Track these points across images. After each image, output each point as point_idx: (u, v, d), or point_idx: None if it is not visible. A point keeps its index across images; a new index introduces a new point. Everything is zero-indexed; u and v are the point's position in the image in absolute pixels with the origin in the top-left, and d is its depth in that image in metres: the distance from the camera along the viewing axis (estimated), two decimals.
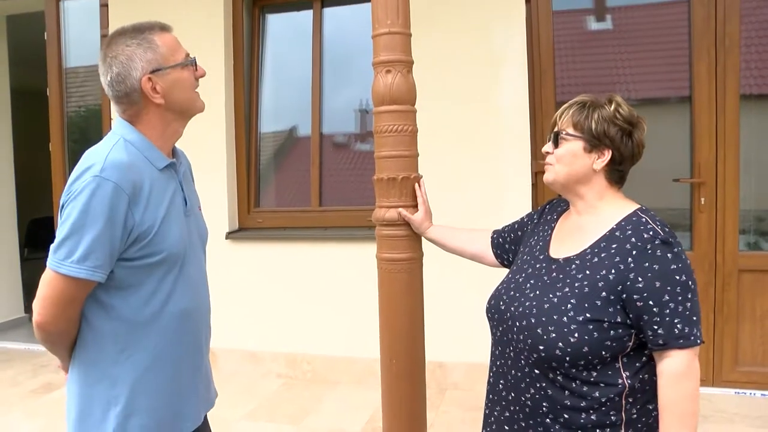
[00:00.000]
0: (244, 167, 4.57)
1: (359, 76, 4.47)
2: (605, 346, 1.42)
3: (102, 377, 1.55)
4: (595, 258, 1.50)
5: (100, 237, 1.42)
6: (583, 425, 1.46)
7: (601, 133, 1.54)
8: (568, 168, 1.60)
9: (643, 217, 1.50)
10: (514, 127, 3.87)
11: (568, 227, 1.66)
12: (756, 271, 3.73)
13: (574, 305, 1.46)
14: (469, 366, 3.99)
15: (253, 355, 4.42)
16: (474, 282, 3.85)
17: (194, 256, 1.70)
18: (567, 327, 1.44)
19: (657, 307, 1.39)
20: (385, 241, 2.07)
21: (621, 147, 1.55)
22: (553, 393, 1.49)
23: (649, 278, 1.40)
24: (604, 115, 1.55)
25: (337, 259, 4.26)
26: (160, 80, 1.56)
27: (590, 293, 1.45)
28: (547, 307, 1.50)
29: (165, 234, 1.53)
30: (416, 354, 2.10)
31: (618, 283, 1.42)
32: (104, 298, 1.52)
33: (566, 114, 1.62)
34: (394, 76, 2.01)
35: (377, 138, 2.05)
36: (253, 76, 4.63)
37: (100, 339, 1.54)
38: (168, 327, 1.59)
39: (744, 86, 3.73)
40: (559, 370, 1.48)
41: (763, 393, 3.75)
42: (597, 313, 1.43)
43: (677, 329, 1.38)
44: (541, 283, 1.58)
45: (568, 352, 1.44)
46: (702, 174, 3.76)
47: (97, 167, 1.42)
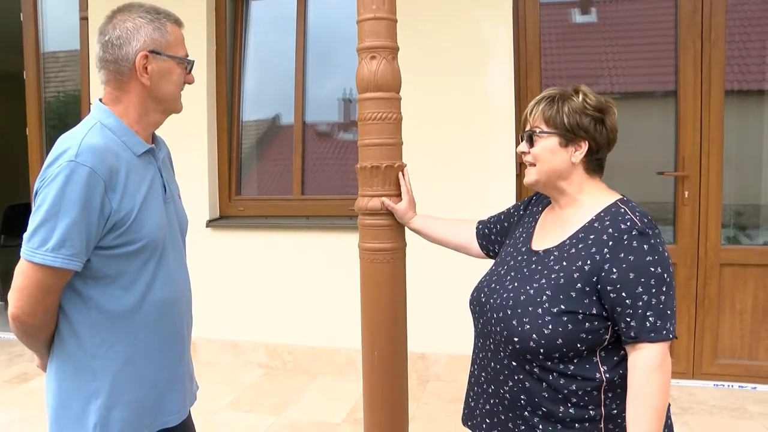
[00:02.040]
0: (225, 155, 4.51)
1: (343, 64, 4.43)
2: (580, 339, 1.40)
3: (81, 370, 1.50)
4: (573, 249, 1.48)
5: (75, 224, 1.37)
6: (561, 418, 1.45)
7: (574, 125, 1.52)
8: (548, 165, 1.57)
9: (622, 207, 1.47)
10: (500, 117, 3.85)
11: (551, 220, 1.65)
12: (737, 264, 3.76)
13: (549, 297, 1.44)
14: (451, 357, 3.98)
15: (234, 344, 4.38)
16: (456, 273, 3.83)
17: (174, 245, 1.65)
18: (541, 319, 1.43)
19: (630, 299, 1.37)
20: (367, 231, 2.04)
21: (596, 136, 1.53)
22: (530, 385, 1.48)
23: (624, 269, 1.38)
24: (574, 106, 1.52)
25: (319, 248, 4.22)
26: (155, 63, 1.51)
27: (565, 284, 1.44)
28: (523, 299, 1.49)
29: (143, 221, 1.49)
30: (398, 345, 2.08)
31: (593, 274, 1.41)
32: (82, 289, 1.47)
33: (536, 110, 1.58)
34: (378, 62, 1.97)
35: (361, 125, 2.01)
36: (236, 63, 4.56)
37: (79, 331, 1.49)
38: (148, 318, 1.55)
39: (726, 82, 3.74)
40: (534, 362, 1.47)
41: (741, 385, 3.79)
42: (571, 304, 1.41)
43: (649, 322, 1.36)
44: (520, 275, 1.56)
45: (542, 344, 1.42)
46: (686, 167, 3.77)
47: (72, 152, 1.37)
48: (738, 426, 3.34)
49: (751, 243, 3.89)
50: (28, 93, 4.98)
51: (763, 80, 3.84)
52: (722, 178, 3.74)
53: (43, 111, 5.01)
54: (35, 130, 4.98)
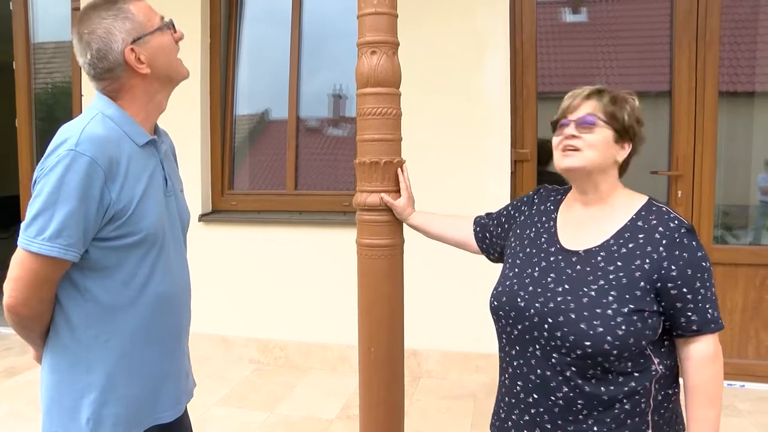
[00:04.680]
0: (218, 149, 4.48)
1: (337, 60, 4.41)
2: (645, 336, 1.42)
3: (76, 363, 1.48)
4: (623, 248, 1.48)
5: (73, 214, 1.35)
6: (616, 415, 1.44)
7: (630, 125, 1.56)
8: (600, 155, 1.54)
9: (663, 206, 1.52)
10: (495, 114, 3.85)
11: (576, 218, 1.62)
12: (728, 264, 3.79)
13: (616, 297, 1.43)
14: (444, 354, 3.99)
15: (225, 340, 4.36)
16: (449, 270, 3.85)
17: (174, 239, 1.64)
18: (613, 320, 1.41)
19: (690, 294, 1.42)
20: (365, 227, 2.02)
21: (636, 142, 1.59)
22: (589, 389, 1.45)
23: (681, 266, 1.42)
24: (633, 107, 1.58)
25: (312, 243, 4.21)
26: (143, 49, 1.49)
27: (629, 284, 1.44)
28: (586, 301, 1.45)
29: (143, 213, 1.47)
30: (395, 342, 2.07)
31: (653, 272, 1.43)
32: (79, 281, 1.45)
33: (593, 101, 1.56)
34: (379, 57, 1.95)
35: (360, 121, 2.00)
36: (230, 57, 4.53)
37: (74, 323, 1.47)
38: (146, 312, 1.53)
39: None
40: (601, 365, 1.43)
41: (730, 383, 3.83)
42: (638, 303, 1.42)
43: (709, 314, 1.43)
44: (566, 277, 1.52)
45: (616, 345, 1.40)
46: (680, 167, 3.79)
47: (72, 141, 1.36)
48: (728, 424, 3.35)
49: (737, 243, 3.92)
50: (18, 84, 4.91)
51: (753, 82, 3.86)
52: (715, 179, 3.76)
53: (33, 102, 4.95)
54: (25, 121, 4.92)
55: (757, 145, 3.95)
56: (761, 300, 3.78)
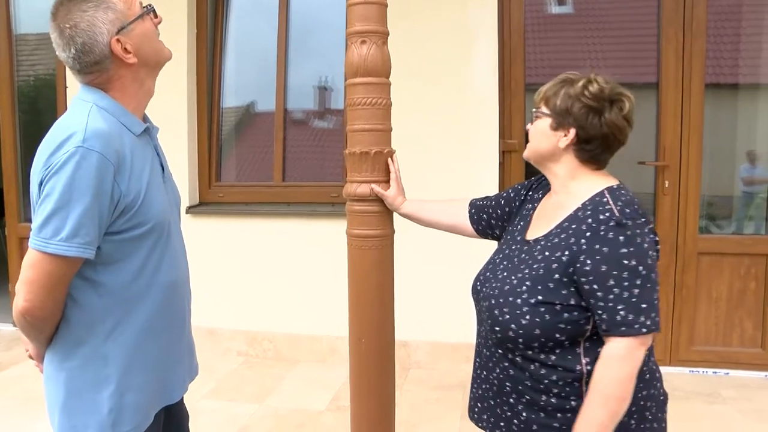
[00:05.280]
0: (205, 140, 4.44)
1: (325, 52, 4.38)
2: (559, 329, 1.41)
3: (92, 357, 1.47)
4: (556, 239, 1.48)
5: (88, 211, 1.33)
6: (543, 407, 1.46)
7: (563, 110, 1.51)
8: (536, 145, 1.59)
9: (605, 196, 1.45)
10: (484, 105, 3.84)
11: (545, 207, 1.64)
12: (713, 253, 3.82)
13: (529, 287, 1.45)
14: (433, 345, 3.99)
15: (212, 332, 4.34)
16: (438, 261, 3.86)
17: (175, 224, 1.64)
18: (519, 309, 1.44)
19: (601, 291, 1.36)
20: (356, 217, 2.01)
21: (585, 125, 1.49)
22: (514, 373, 1.50)
23: (597, 261, 1.37)
24: (571, 92, 1.51)
25: (299, 235, 4.20)
26: (128, 38, 1.46)
27: (544, 275, 1.44)
28: (507, 288, 1.50)
29: (150, 203, 1.46)
30: (386, 333, 2.06)
31: (570, 264, 1.41)
32: (92, 275, 1.44)
33: (542, 91, 1.59)
34: (369, 47, 1.93)
35: (350, 111, 1.98)
36: (217, 49, 4.49)
37: (89, 317, 1.46)
38: (157, 299, 1.53)
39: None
40: (516, 351, 1.48)
41: (715, 371, 3.88)
42: (549, 295, 1.42)
43: (620, 316, 1.34)
44: (511, 265, 1.57)
45: (520, 333, 1.44)
46: (666, 158, 3.81)
47: (79, 137, 1.33)
48: (712, 411, 3.41)
49: (721, 233, 3.94)
50: (1, 77, 4.84)
51: (737, 74, 3.88)
52: (701, 169, 3.79)
53: (16, 95, 4.88)
54: (8, 114, 4.85)
55: (741, 136, 3.98)
56: (745, 289, 3.82)
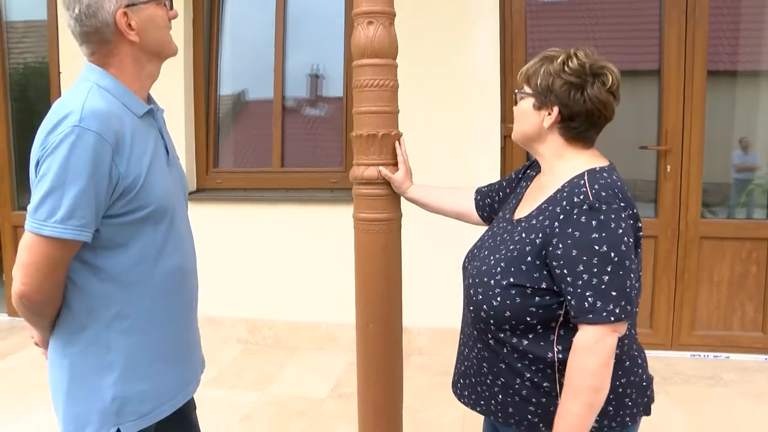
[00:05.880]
0: (202, 126, 4.39)
1: (319, 40, 4.34)
2: (530, 312, 1.38)
3: (94, 343, 1.43)
4: (534, 220, 1.45)
5: (84, 193, 1.29)
6: (518, 391, 1.44)
7: (545, 87, 1.46)
8: (521, 127, 1.55)
9: (583, 179, 1.40)
10: (485, 89, 3.81)
11: (534, 187, 1.61)
12: (715, 238, 3.82)
13: (503, 269, 1.43)
14: (434, 331, 3.98)
15: (212, 320, 4.28)
16: (439, 246, 3.82)
17: (181, 209, 1.59)
18: (492, 290, 1.42)
19: (571, 276, 1.32)
20: (362, 201, 1.98)
21: (569, 102, 1.43)
22: (488, 355, 1.49)
23: (568, 245, 1.33)
24: (550, 69, 1.45)
25: (299, 221, 4.16)
26: (136, 16, 1.42)
27: (518, 257, 1.41)
28: (484, 269, 1.48)
29: (151, 186, 1.42)
30: (393, 317, 2.04)
31: (542, 247, 1.38)
32: (92, 260, 1.40)
33: (523, 70, 1.54)
34: (376, 28, 1.90)
35: (356, 93, 1.95)
36: (213, 34, 4.42)
37: (91, 303, 1.42)
38: (162, 285, 1.49)
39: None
40: (489, 333, 1.47)
41: (716, 354, 3.89)
42: (520, 278, 1.39)
43: (587, 303, 1.30)
44: (494, 244, 1.55)
45: (491, 315, 1.42)
46: (669, 142, 3.79)
47: (75, 116, 1.29)
48: (714, 393, 3.44)
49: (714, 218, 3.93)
50: None
51: (735, 62, 3.87)
52: (703, 153, 3.77)
53: (8, 83, 4.80)
54: (0, 101, 4.78)
55: (739, 124, 3.97)
56: (747, 273, 3.82)
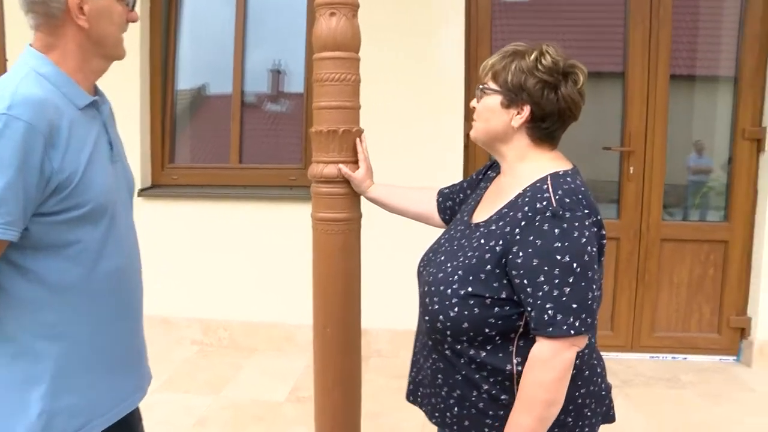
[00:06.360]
0: (158, 120, 4.23)
1: (280, 35, 4.23)
2: (489, 324, 1.32)
3: (21, 353, 1.29)
4: (493, 226, 1.37)
5: (11, 187, 1.16)
6: (474, 404, 1.38)
7: (517, 85, 1.37)
8: (485, 125, 1.46)
9: (546, 183, 1.33)
10: (449, 85, 3.75)
11: (494, 188, 1.54)
12: (676, 240, 3.84)
13: (460, 277, 1.35)
14: (394, 333, 3.91)
15: (166, 321, 4.16)
16: (397, 245, 3.74)
17: (124, 208, 1.47)
18: (449, 300, 1.35)
19: (531, 287, 1.25)
20: (321, 200, 1.90)
21: (541, 102, 1.37)
22: (444, 367, 1.41)
23: (529, 254, 1.26)
24: (522, 65, 1.37)
25: (256, 219, 4.05)
26: (91, 1, 1.30)
27: (476, 266, 1.34)
28: (440, 276, 1.40)
29: (89, 183, 1.29)
30: (351, 321, 1.97)
31: (502, 255, 1.30)
32: (20, 262, 1.26)
33: (489, 64, 1.45)
34: (338, 19, 1.81)
35: (317, 87, 1.87)
36: (170, 27, 4.26)
37: (19, 309, 1.29)
38: (99, 291, 1.36)
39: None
40: (445, 344, 1.39)
41: (674, 356, 3.92)
42: (479, 287, 1.32)
43: (547, 315, 1.24)
44: (451, 249, 1.46)
45: (448, 326, 1.35)
46: (632, 143, 3.79)
47: (4, 104, 1.16)
48: (672, 395, 3.45)
49: (672, 220, 3.94)
50: None
51: (694, 66, 3.89)
52: (665, 155, 3.78)
53: None
54: None
55: (697, 127, 3.98)
56: (705, 275, 3.85)
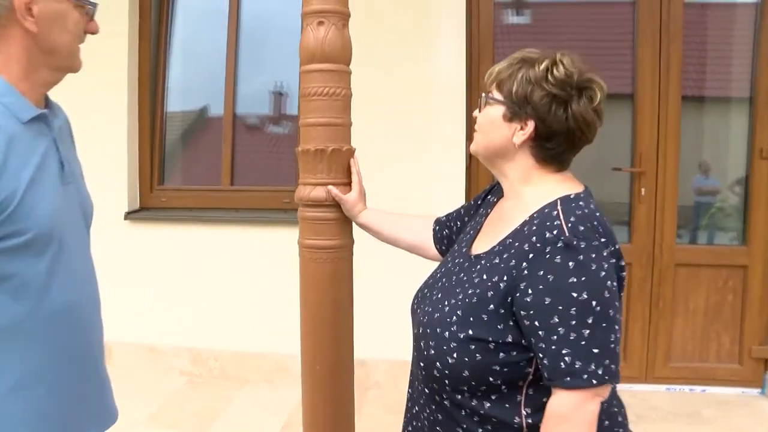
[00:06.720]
0: (147, 140, 4.08)
1: (276, 56, 4.10)
2: (493, 372, 1.14)
3: None
4: (496, 258, 1.20)
5: None
6: None
7: (521, 97, 1.21)
8: (486, 138, 1.30)
9: (556, 209, 1.17)
10: (449, 102, 3.58)
11: (496, 215, 1.37)
12: (691, 265, 3.65)
13: (459, 318, 1.17)
14: (392, 363, 3.71)
15: (153, 349, 3.98)
16: (397, 271, 3.53)
17: (77, 237, 1.30)
18: (446, 344, 1.17)
19: (543, 330, 1.08)
20: (309, 225, 1.73)
21: (547, 118, 1.20)
22: (443, 419, 1.23)
23: (540, 291, 1.09)
24: (530, 75, 1.21)
25: (249, 243, 3.88)
26: (42, 3, 1.15)
27: (478, 305, 1.16)
28: (437, 316, 1.22)
29: (31, 207, 1.13)
30: (344, 357, 1.80)
31: (508, 293, 1.14)
32: None
33: (494, 71, 1.29)
34: (327, 29, 1.66)
35: (303, 102, 1.72)
36: (160, 48, 4.13)
37: None
38: (46, 329, 1.19)
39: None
40: (444, 394, 1.21)
41: (692, 388, 3.71)
42: (481, 330, 1.14)
43: (564, 363, 1.07)
44: (448, 284, 1.29)
45: (446, 374, 1.17)
46: (643, 164, 3.62)
47: None
48: None
49: (684, 243, 3.77)
50: None
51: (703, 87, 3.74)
52: (678, 176, 3.61)
53: None
54: None
55: (708, 148, 3.81)
56: (723, 302, 3.65)
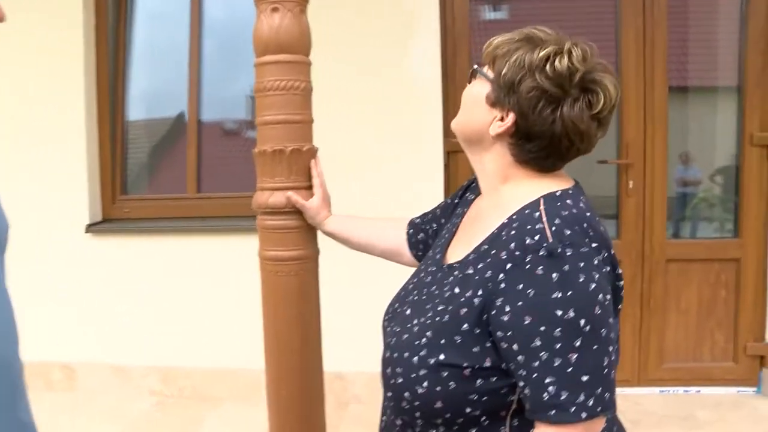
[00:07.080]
0: (108, 150, 3.87)
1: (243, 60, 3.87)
2: (470, 402, 0.96)
3: None
4: (470, 268, 1.02)
5: None
6: None
7: (508, 82, 1.03)
8: (464, 117, 1.12)
9: (539, 210, 1.00)
10: (424, 97, 3.42)
11: (472, 215, 1.19)
12: (683, 260, 3.52)
13: (429, 341, 1.00)
14: (371, 376, 3.50)
15: (120, 369, 3.78)
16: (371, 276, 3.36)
17: None
18: (415, 372, 1.00)
19: (522, 354, 0.91)
20: (269, 235, 1.62)
21: (530, 116, 1.01)
22: None
23: (519, 309, 0.92)
24: (526, 59, 1.02)
25: (218, 254, 3.68)
26: None
27: (449, 324, 0.99)
28: (405, 338, 1.06)
29: None
30: (311, 377, 1.65)
31: (483, 310, 0.96)
32: None
33: (492, 44, 1.09)
34: (282, 15, 1.50)
35: (259, 99, 1.56)
36: (119, 49, 3.92)
37: None
38: None
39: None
40: (416, 427, 1.03)
41: (686, 389, 3.57)
42: (454, 355, 0.97)
43: (548, 394, 0.90)
44: (419, 299, 1.12)
45: (416, 406, 0.99)
46: (630, 155, 3.48)
47: None
48: None
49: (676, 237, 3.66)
50: None
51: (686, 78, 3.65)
52: (667, 167, 3.48)
53: None
54: None
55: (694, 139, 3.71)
56: (716, 298, 3.52)
